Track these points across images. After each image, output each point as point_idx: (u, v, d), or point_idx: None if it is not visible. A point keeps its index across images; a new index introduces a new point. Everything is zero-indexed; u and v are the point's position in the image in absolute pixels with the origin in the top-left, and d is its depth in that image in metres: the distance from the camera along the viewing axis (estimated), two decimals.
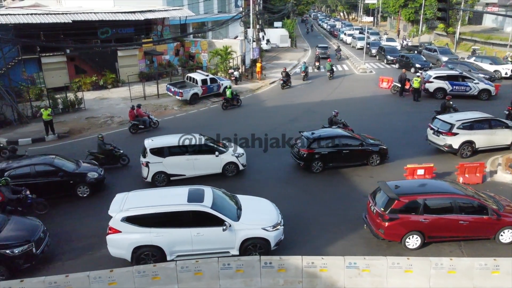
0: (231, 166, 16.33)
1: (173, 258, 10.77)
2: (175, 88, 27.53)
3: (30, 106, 25.14)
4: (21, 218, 12.06)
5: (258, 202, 12.44)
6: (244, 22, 36.32)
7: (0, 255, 10.46)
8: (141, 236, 10.69)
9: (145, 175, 15.66)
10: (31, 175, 14.48)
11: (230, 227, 10.82)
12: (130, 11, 33.21)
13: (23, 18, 28.64)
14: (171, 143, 15.82)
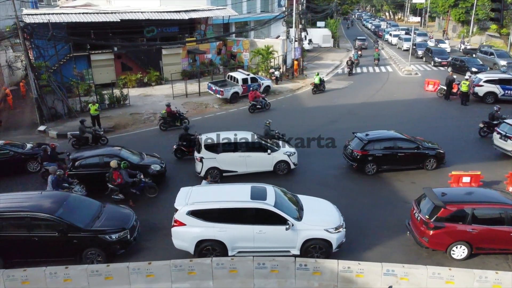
0: (282, 164, 16.38)
1: (234, 254, 10.93)
2: (216, 86, 27.88)
3: (79, 101, 26.33)
4: (115, 207, 12.69)
5: (319, 203, 12.37)
6: (286, 21, 36.17)
7: (99, 240, 11.05)
8: (205, 230, 10.89)
9: (199, 170, 15.98)
10: (99, 165, 15.11)
11: (292, 227, 10.80)
12: (175, 11, 34.00)
13: (75, 17, 30.05)
14: (225, 139, 16.09)
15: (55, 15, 29.64)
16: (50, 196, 12.16)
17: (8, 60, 33.49)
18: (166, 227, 12.22)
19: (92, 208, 12.08)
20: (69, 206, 11.60)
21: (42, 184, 15.33)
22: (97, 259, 11.15)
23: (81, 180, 14.83)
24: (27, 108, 29.14)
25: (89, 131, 19.81)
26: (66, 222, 10.97)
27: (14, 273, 9.82)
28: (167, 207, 13.28)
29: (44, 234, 10.97)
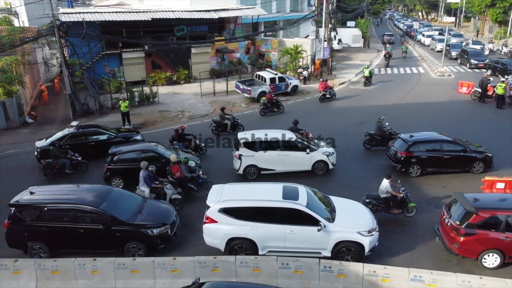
0: (321, 164, 16.27)
1: (264, 253, 10.91)
2: (244, 85, 27.96)
3: (110, 98, 26.98)
4: (156, 202, 12.92)
5: (352, 205, 12.22)
6: (316, 21, 35.89)
7: (141, 234, 11.28)
8: (236, 228, 10.93)
9: (237, 167, 16.07)
10: (136, 160, 15.39)
11: (324, 228, 10.70)
12: (205, 10, 34.32)
13: (108, 16, 30.79)
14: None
15: (89, 13, 30.48)
16: (95, 189, 12.47)
17: (44, 57, 34.72)
18: (197, 223, 12.37)
19: (134, 203, 12.33)
20: (113, 200, 11.88)
21: None
22: (138, 253, 11.35)
23: (118, 174, 15.38)
24: (61, 103, 30.12)
25: (229, 118, 21.24)
26: (110, 215, 11.24)
27: (46, 262, 10.16)
28: (200, 203, 13.42)
29: (89, 226, 11.29)
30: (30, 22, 44.35)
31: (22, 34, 32.33)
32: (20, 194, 12.02)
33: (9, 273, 10.15)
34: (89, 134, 18.79)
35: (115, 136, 18.77)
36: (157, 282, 10.03)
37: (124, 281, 10.08)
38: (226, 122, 21.20)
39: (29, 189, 12.27)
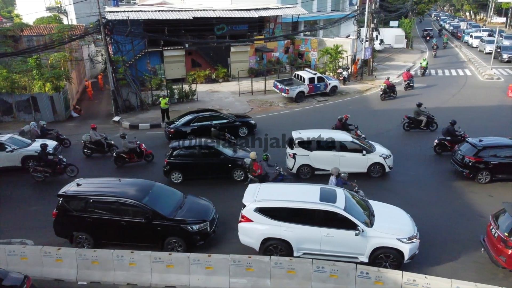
0: (377, 167, 15.94)
1: (299, 255, 10.78)
2: (282, 85, 27.80)
3: (151, 95, 27.63)
4: (196, 198, 13.04)
5: (392, 210, 11.86)
6: (358, 20, 35.14)
7: (181, 230, 11.44)
8: (271, 228, 10.84)
9: (291, 166, 16.01)
10: (195, 156, 15.89)
11: (362, 233, 10.43)
12: (246, 9, 34.43)
13: (151, 14, 31.55)
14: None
15: (133, 12, 31.34)
16: (138, 183, 12.72)
17: (90, 54, 36.09)
18: (232, 221, 12.40)
19: (175, 198, 12.51)
20: (155, 195, 12.10)
21: None
22: (178, 248, 11.49)
23: (177, 168, 15.84)
24: (104, 99, 31.18)
25: (424, 113, 21.03)
26: (152, 210, 11.44)
27: (86, 252, 10.48)
28: (236, 201, 13.44)
29: (131, 219, 11.55)
30: (78, 20, 46.34)
31: (70, 31, 33.75)
32: (68, 185, 12.48)
33: (52, 261, 10.56)
34: (213, 118, 20.44)
35: (234, 120, 20.79)
36: (191, 278, 10.11)
37: (160, 275, 10.23)
38: (421, 119, 20.87)
39: (76, 180, 12.73)
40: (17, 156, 17.48)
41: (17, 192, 16.21)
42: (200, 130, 19.61)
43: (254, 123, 21.30)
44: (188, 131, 19.70)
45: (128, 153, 17.71)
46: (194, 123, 20.13)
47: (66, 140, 20.89)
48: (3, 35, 38.01)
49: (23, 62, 28.55)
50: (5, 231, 13.09)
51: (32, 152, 17.55)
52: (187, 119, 20.39)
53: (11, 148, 17.43)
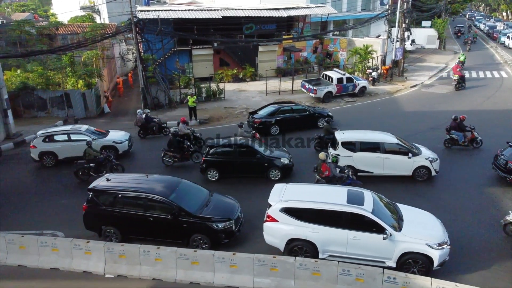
0: (423, 170, 15.46)
1: (325, 257, 10.66)
2: (310, 85, 27.57)
3: (179, 93, 27.97)
4: (222, 196, 13.07)
5: (422, 215, 11.54)
6: (389, 20, 34.42)
7: (207, 227, 11.50)
8: (297, 229, 10.73)
9: None
10: (231, 154, 16.03)
11: (390, 237, 10.19)
12: (275, 8, 34.35)
13: (181, 13, 31.95)
14: (364, 138, 15.84)
15: (164, 11, 31.81)
16: (165, 180, 12.88)
17: (121, 52, 36.88)
18: (257, 220, 12.39)
19: (201, 196, 12.59)
20: (182, 192, 12.21)
21: None
22: (203, 246, 11.54)
23: (214, 166, 16.01)
24: (134, 96, 31.79)
25: None
26: (178, 206, 11.55)
27: (114, 246, 10.67)
28: (260, 201, 13.42)
29: (158, 215, 11.68)
30: (110, 19, 47.47)
31: (102, 30, 34.60)
32: (98, 180, 12.76)
33: (81, 253, 10.81)
34: (295, 110, 21.74)
35: (314, 112, 21.89)
36: (216, 276, 10.14)
37: (185, 272, 10.31)
38: None
39: (105, 175, 13.00)
40: (95, 146, 18.10)
41: (49, 186, 16.72)
42: (284, 121, 21.08)
43: (331, 115, 22.22)
44: (272, 122, 21.02)
45: None
46: (278, 114, 21.27)
47: (166, 128, 21.74)
48: (39, 33, 39.40)
49: (57, 59, 29.49)
50: (38, 222, 13.54)
51: (110, 142, 18.49)
52: (271, 110, 21.60)
53: (91, 138, 18.05)
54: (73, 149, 17.88)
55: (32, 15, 67.76)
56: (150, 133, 21.51)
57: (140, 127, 21.59)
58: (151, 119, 21.83)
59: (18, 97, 25.40)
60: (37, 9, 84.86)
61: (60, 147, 18.11)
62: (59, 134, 18.36)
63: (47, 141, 18.11)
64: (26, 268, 11.08)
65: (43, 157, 18.10)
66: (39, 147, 18.02)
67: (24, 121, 24.85)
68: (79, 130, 18.59)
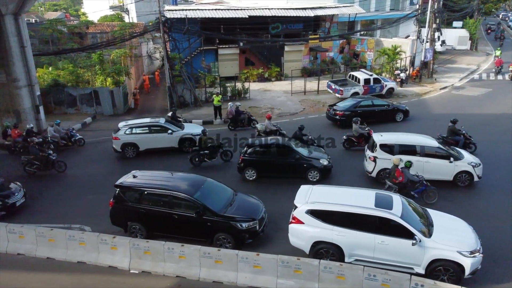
0: (464, 175, 14.87)
1: (351, 261, 10.45)
2: (336, 85, 27.23)
3: (205, 92, 28.14)
4: (246, 196, 13.00)
5: (453, 221, 11.18)
6: (418, 20, 33.62)
7: (231, 226, 11.47)
8: (323, 232, 10.56)
9: (370, 169, 15.50)
10: (271, 154, 15.95)
11: (420, 243, 9.89)
12: (301, 8, 34.12)
13: (208, 13, 32.14)
14: (403, 141, 15.45)
15: (191, 11, 32.09)
16: (191, 178, 12.93)
17: (148, 51, 37.44)
18: (280, 222, 12.30)
19: (225, 195, 12.57)
20: (206, 190, 12.23)
21: None
22: (226, 245, 11.51)
23: (252, 165, 15.97)
24: (160, 95, 32.21)
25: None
26: (202, 205, 11.57)
27: (139, 242, 10.79)
28: (284, 201, 13.36)
29: (182, 213, 11.74)
30: (139, 18, 48.27)
31: (131, 29, 35.21)
32: (125, 177, 12.92)
33: (108, 248, 10.98)
34: (374, 104, 22.59)
35: (393, 106, 22.83)
36: (239, 276, 10.09)
37: (208, 270, 10.31)
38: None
39: (132, 172, 13.16)
40: (175, 138, 18.94)
41: (77, 181, 17.10)
42: (365, 113, 21.56)
43: (408, 110, 22.98)
44: (355, 114, 21.24)
45: (357, 137, 18.36)
46: (359, 107, 22.03)
47: (255, 121, 22.46)
48: (70, 32, 40.48)
49: (87, 57, 30.21)
50: (66, 217, 13.85)
51: (189, 134, 19.14)
52: (353, 103, 22.48)
53: (171, 130, 18.85)
54: (154, 141, 18.77)
55: (63, 14, 69.68)
56: (240, 125, 22.34)
57: (231, 119, 22.41)
58: (241, 112, 22.60)
59: (50, 94, 26.13)
60: (69, 9, 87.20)
61: (141, 139, 18.83)
62: (141, 127, 19.12)
63: (129, 133, 18.85)
64: (55, 260, 11.35)
65: (125, 148, 18.78)
66: (122, 138, 18.71)
67: (55, 117, 25.43)
68: (159, 123, 19.32)
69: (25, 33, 21.55)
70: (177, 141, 18.91)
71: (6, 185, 14.77)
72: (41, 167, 17.26)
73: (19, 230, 11.77)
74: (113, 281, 10.45)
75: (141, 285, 10.30)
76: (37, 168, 17.28)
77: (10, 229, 11.82)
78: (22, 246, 11.76)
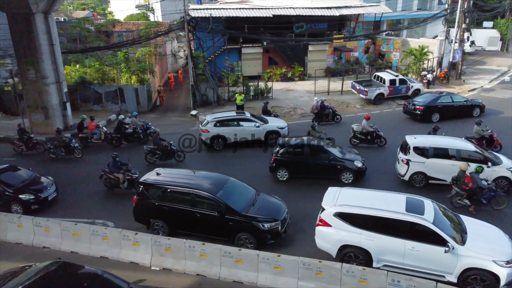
0: (503, 181, 14.25)
1: (379, 267, 10.16)
2: (361, 86, 26.81)
3: (228, 91, 28.16)
4: (268, 196, 12.87)
5: (488, 229, 10.77)
6: (447, 20, 32.75)
7: (253, 226, 11.38)
8: (351, 235, 10.33)
9: (403, 172, 15.16)
10: (304, 154, 15.80)
11: (452, 250, 9.56)
12: (326, 7, 33.75)
13: (232, 12, 32.17)
14: (438, 144, 14.99)
15: (215, 10, 32.18)
16: (213, 177, 12.88)
17: (172, 49, 37.79)
18: (302, 223, 12.16)
19: (248, 195, 12.48)
20: (229, 189, 12.19)
21: None
22: (248, 245, 11.43)
23: (284, 165, 15.87)
24: (183, 93, 32.44)
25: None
26: (225, 204, 11.52)
27: (160, 239, 10.84)
28: (305, 203, 13.27)
29: (205, 211, 11.71)
30: (164, 17, 48.79)
31: (156, 28, 35.61)
32: (149, 174, 13.02)
33: (130, 244, 11.08)
34: (454, 99, 23.01)
35: (469, 100, 23.36)
36: (259, 276, 10.01)
37: (228, 270, 10.26)
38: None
39: (156, 170, 13.23)
40: (262, 131, 19.46)
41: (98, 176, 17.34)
42: (445, 108, 22.30)
43: (484, 105, 23.27)
44: (435, 108, 21.98)
45: (478, 139, 17.29)
46: (439, 102, 22.33)
47: (338, 116, 22.98)
48: (97, 30, 41.27)
49: (113, 55, 30.69)
50: (90, 212, 14.07)
51: (275, 127, 19.66)
52: (432, 97, 22.79)
53: (259, 124, 19.50)
54: (241, 134, 19.36)
55: (91, 13, 71.20)
56: (324, 120, 22.46)
57: (316, 114, 22.52)
58: (326, 107, 22.81)
59: (76, 90, 26.66)
60: (96, 8, 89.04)
61: (230, 131, 19.34)
62: (229, 120, 19.71)
63: (218, 126, 19.36)
64: (78, 254, 11.53)
65: (214, 141, 19.32)
66: (212, 131, 19.25)
67: (81, 113, 25.97)
68: (246, 116, 19.97)
69: (54, 31, 22.03)
70: (264, 134, 19.38)
71: (38, 179, 15.12)
72: (163, 157, 17.82)
73: (45, 223, 12.02)
74: (134, 277, 10.50)
75: (162, 282, 10.33)
76: (159, 158, 17.88)
77: (36, 223, 12.09)
78: (48, 239, 12.01)
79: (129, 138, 20.43)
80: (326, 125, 21.98)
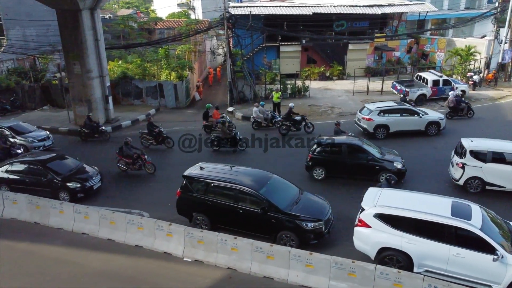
0: None
1: (420, 272, 9.76)
2: (402, 86, 26.01)
3: (265, 88, 28.14)
4: (312, 196, 12.63)
5: None
6: (497, 19, 31.17)
7: (295, 225, 11.15)
8: (391, 238, 9.97)
9: (458, 177, 14.38)
10: (342, 153, 15.45)
11: (501, 259, 9.03)
12: (368, 5, 33.04)
13: (272, 9, 32.13)
14: (497, 148, 14.03)
15: (255, 7, 32.25)
16: (257, 174, 12.77)
17: (212, 47, 38.28)
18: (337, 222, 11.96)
19: (291, 193, 12.29)
20: (272, 187, 12.05)
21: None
22: (291, 243, 11.18)
23: (321, 164, 15.67)
24: (220, 90, 32.79)
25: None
26: (268, 201, 11.39)
27: (193, 232, 10.95)
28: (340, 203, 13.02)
29: (247, 208, 11.62)
30: (204, 15, 49.49)
31: (196, 25, 36.18)
32: (192, 168, 13.04)
33: (163, 234, 11.27)
34: None
35: None
36: (290, 273, 9.89)
37: (259, 265, 10.21)
38: None
39: (199, 164, 13.28)
40: (424, 121, 19.66)
41: None
42: None
43: None
44: None
45: None
46: None
47: (472, 111, 22.69)
48: (140, 28, 42.47)
49: (154, 52, 31.45)
50: (126, 202, 14.47)
51: (436, 118, 19.78)
52: None
53: (421, 114, 19.74)
54: (404, 124, 19.61)
55: (135, 12, 73.36)
56: (459, 114, 22.32)
57: (451, 108, 22.29)
58: (462, 101, 22.52)
59: (118, 85, 27.55)
60: (140, 6, 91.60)
61: (393, 121, 19.62)
62: (394, 110, 19.88)
63: (382, 115, 19.68)
64: (114, 242, 11.86)
65: (377, 130, 19.65)
66: (376, 120, 19.56)
67: (122, 107, 26.86)
68: (407, 106, 20.19)
69: (99, 27, 22.84)
70: (425, 125, 19.55)
71: (84, 169, 15.66)
72: (227, 145, 18.92)
73: (85, 211, 12.45)
74: (167, 267, 10.70)
75: (194, 273, 10.43)
76: (224, 146, 18.98)
77: (76, 210, 12.55)
78: (86, 226, 12.43)
79: None
80: (459, 119, 22.16)
